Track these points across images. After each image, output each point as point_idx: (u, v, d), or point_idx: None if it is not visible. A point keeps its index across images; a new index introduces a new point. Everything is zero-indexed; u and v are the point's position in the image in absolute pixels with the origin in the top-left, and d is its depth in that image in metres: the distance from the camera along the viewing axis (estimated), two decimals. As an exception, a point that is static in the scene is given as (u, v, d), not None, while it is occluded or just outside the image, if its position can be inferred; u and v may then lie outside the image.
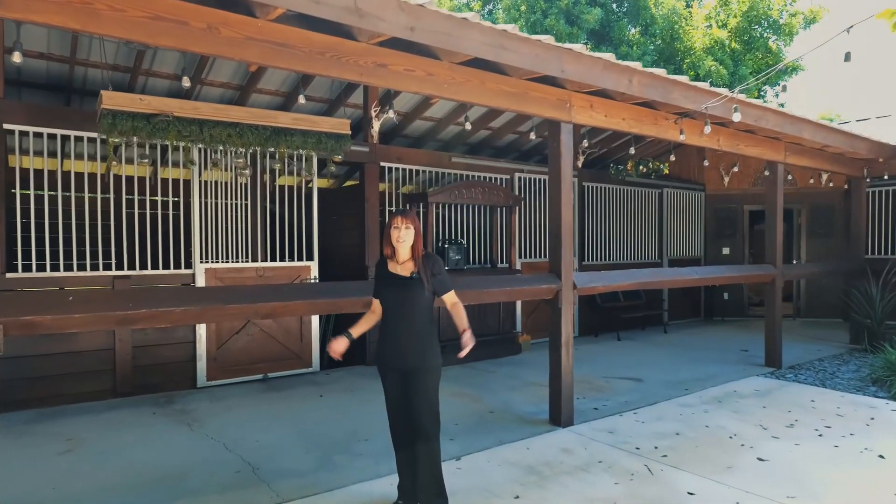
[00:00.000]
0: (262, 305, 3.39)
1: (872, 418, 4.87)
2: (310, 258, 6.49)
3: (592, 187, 9.20)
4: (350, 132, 4.82)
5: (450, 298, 3.13)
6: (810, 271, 7.70)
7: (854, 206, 8.50)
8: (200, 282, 5.73)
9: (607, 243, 9.43)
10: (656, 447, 4.18)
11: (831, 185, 10.50)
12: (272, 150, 4.77)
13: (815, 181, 10.70)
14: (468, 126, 6.63)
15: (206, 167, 5.60)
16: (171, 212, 5.95)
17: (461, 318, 3.09)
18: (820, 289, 10.46)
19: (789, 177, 10.93)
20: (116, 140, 4.42)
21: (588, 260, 9.09)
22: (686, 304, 10.64)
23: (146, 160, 4.46)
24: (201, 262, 5.76)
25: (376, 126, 6.71)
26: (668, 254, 10.45)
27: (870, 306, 7.68)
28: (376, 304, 3.16)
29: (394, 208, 7.31)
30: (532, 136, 7.35)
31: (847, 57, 3.80)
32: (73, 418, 4.78)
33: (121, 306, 3.02)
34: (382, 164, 6.97)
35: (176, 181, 6.56)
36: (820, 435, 4.44)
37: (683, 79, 4.73)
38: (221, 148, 4.63)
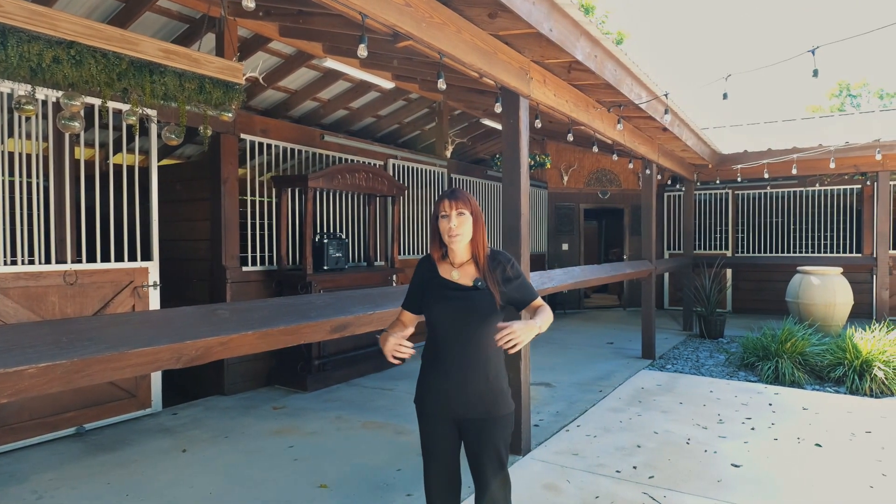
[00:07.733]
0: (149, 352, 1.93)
1: (770, 403, 5.18)
2: (147, 257, 4.69)
3: (459, 180, 8.70)
4: (244, 81, 3.39)
5: (535, 305, 2.13)
6: (670, 266, 8.31)
7: (685, 207, 9.47)
8: (-34, 298, 3.63)
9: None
10: (634, 467, 3.74)
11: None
12: (119, 101, 3.02)
13: (634, 184, 11.81)
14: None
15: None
16: None
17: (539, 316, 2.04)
18: (637, 282, 11.55)
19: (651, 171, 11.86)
20: None
21: (460, 257, 8.54)
22: (536, 299, 10.84)
23: None
24: (-33, 268, 3.66)
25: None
26: (523, 250, 10.50)
27: (705, 297, 8.58)
28: (408, 317, 2.17)
29: (256, 197, 5.78)
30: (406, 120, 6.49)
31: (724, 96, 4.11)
32: None
33: None
34: (243, 136, 5.42)
35: None
36: (752, 429, 4.50)
37: (635, 67, 4.39)
38: (29, 87, 2.77)
